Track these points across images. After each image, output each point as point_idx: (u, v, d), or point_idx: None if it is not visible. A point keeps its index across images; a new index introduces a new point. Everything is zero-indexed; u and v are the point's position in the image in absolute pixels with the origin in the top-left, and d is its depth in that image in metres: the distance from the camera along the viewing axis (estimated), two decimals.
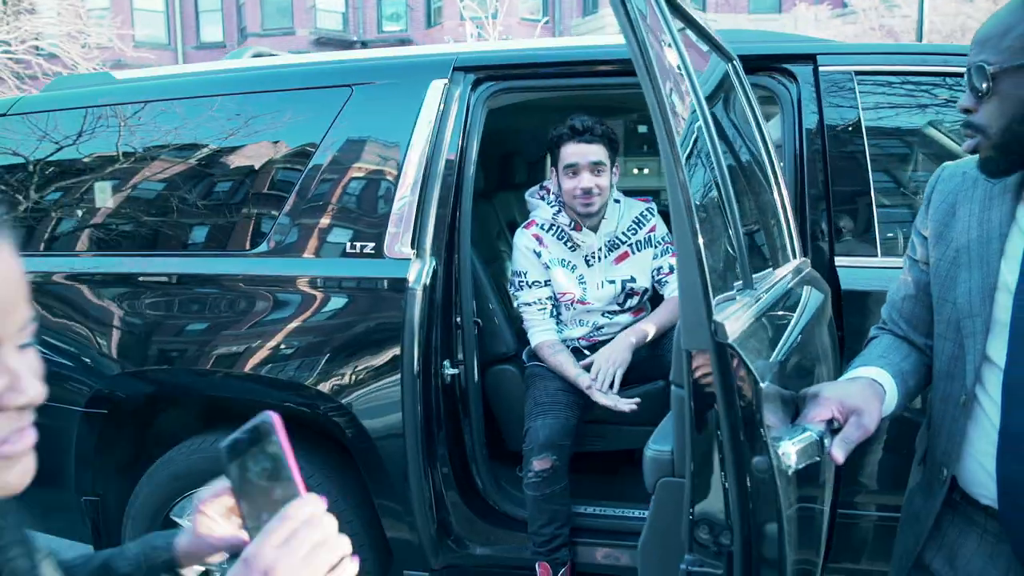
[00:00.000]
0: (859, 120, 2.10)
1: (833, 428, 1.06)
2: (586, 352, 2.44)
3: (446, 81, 2.20)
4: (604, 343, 2.41)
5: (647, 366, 2.39)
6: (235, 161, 2.31)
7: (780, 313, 1.37)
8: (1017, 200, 1.12)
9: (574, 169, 2.30)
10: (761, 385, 1.01)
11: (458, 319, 2.23)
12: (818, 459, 1.02)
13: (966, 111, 1.10)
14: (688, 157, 1.12)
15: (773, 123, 2.30)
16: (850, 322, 1.95)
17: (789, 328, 1.36)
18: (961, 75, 1.56)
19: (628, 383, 2.39)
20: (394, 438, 2.12)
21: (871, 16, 18.11)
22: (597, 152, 2.29)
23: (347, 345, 2.13)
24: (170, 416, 2.51)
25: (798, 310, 1.49)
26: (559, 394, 2.31)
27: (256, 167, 2.29)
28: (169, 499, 2.33)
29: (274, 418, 0.69)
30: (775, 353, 1.21)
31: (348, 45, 22.97)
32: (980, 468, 1.12)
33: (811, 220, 2.10)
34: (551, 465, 2.16)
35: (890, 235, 2.13)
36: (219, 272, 2.23)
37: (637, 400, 2.25)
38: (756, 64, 2.13)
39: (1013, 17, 1.04)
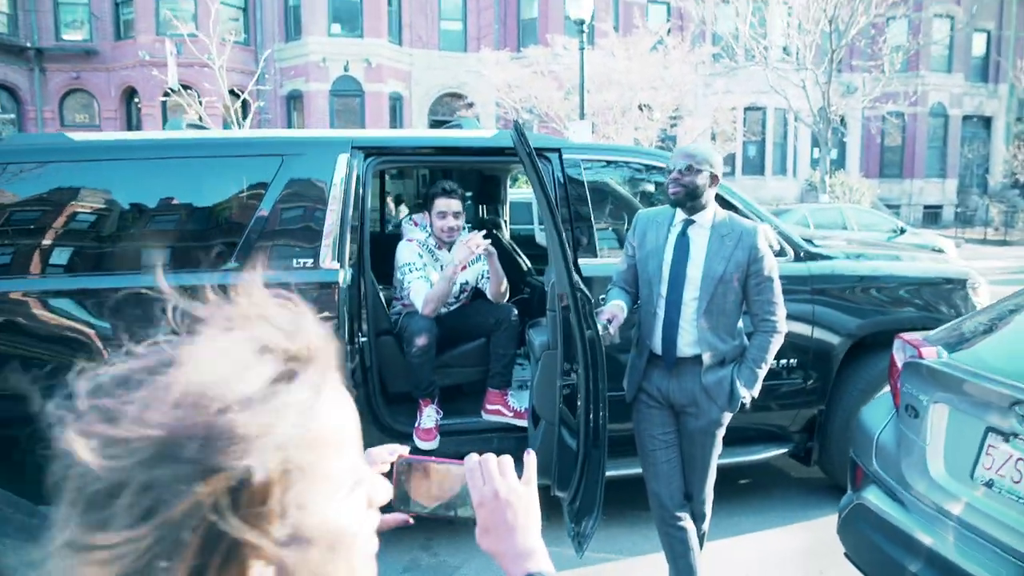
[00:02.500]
0: (583, 183, 3.80)
1: (609, 320, 2.64)
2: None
3: (348, 155, 3.46)
4: (447, 314, 3.83)
5: (468, 329, 3.85)
6: (208, 203, 3.31)
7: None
8: (669, 229, 2.81)
9: (443, 215, 3.74)
10: (589, 297, 2.55)
11: (364, 307, 3.49)
12: (611, 334, 2.59)
13: (679, 175, 2.73)
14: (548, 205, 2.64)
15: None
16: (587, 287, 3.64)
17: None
18: (632, 163, 3.32)
19: (455, 343, 3.82)
20: None
21: (541, 62, 21.48)
22: (457, 205, 3.78)
23: None
24: None
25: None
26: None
27: (223, 207, 3.32)
28: None
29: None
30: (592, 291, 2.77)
31: (20, 51, 20.88)
32: (657, 339, 2.80)
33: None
34: (426, 342, 3.53)
35: (603, 247, 3.86)
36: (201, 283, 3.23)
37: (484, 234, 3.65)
38: (537, 152, 3.73)
39: (700, 148, 2.72)
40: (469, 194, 5.80)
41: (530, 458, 0.98)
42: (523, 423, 3.62)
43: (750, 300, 2.78)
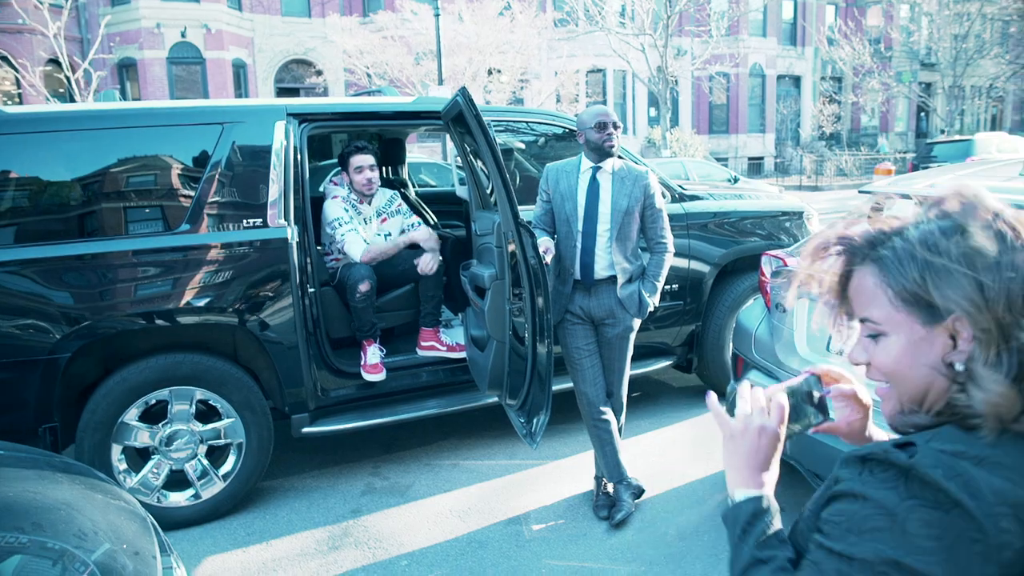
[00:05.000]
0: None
1: (546, 251, 3.19)
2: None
3: (284, 121, 3.75)
4: (377, 265, 4.22)
5: (402, 278, 4.28)
6: (157, 170, 3.50)
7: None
8: (578, 176, 3.38)
9: (360, 169, 4.08)
10: (533, 232, 3.08)
11: (309, 260, 3.83)
12: (547, 261, 3.14)
13: (613, 131, 3.30)
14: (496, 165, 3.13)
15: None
16: None
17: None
18: (529, 123, 3.88)
19: (386, 290, 4.24)
20: (289, 333, 3.66)
21: (390, 27, 21.45)
22: (371, 159, 4.13)
23: (257, 280, 3.59)
24: (131, 343, 3.54)
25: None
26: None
27: (172, 174, 3.53)
28: (123, 407, 3.44)
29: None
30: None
31: None
32: (577, 266, 3.38)
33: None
34: (369, 287, 3.93)
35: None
36: (158, 246, 3.45)
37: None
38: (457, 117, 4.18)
39: (611, 111, 3.29)
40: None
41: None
42: (458, 355, 4.12)
43: (646, 228, 3.44)
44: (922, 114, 33.75)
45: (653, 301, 3.45)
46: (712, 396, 1.10)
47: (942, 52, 27.71)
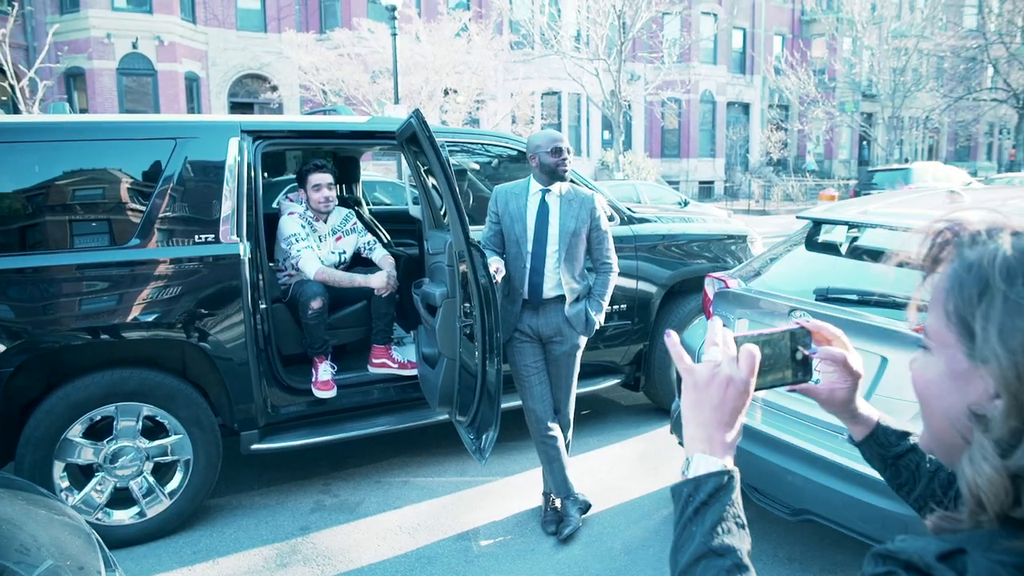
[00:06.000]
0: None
1: (496, 270, 3.26)
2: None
3: (238, 138, 3.76)
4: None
5: (354, 296, 4.30)
6: (107, 184, 3.48)
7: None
8: (527, 198, 3.47)
9: (318, 187, 4.11)
10: (483, 249, 3.15)
11: (261, 277, 3.83)
12: (497, 281, 3.21)
13: (566, 156, 3.39)
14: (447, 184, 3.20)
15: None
16: None
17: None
18: (481, 144, 3.97)
19: (338, 307, 4.26)
20: (240, 349, 3.65)
21: (346, 45, 21.44)
22: (329, 178, 4.16)
23: (208, 296, 3.58)
24: (76, 358, 3.48)
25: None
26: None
27: (122, 188, 3.50)
28: (66, 423, 3.39)
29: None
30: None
31: None
32: (526, 285, 3.46)
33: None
34: (321, 304, 3.94)
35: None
36: (107, 260, 3.42)
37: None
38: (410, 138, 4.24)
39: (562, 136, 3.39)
40: None
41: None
42: (409, 372, 4.15)
43: (592, 249, 3.55)
44: (864, 143, 34.99)
45: (599, 319, 3.55)
46: (672, 334, 0.95)
47: (882, 84, 28.84)
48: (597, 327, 3.57)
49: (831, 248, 3.50)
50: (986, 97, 29.63)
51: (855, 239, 3.43)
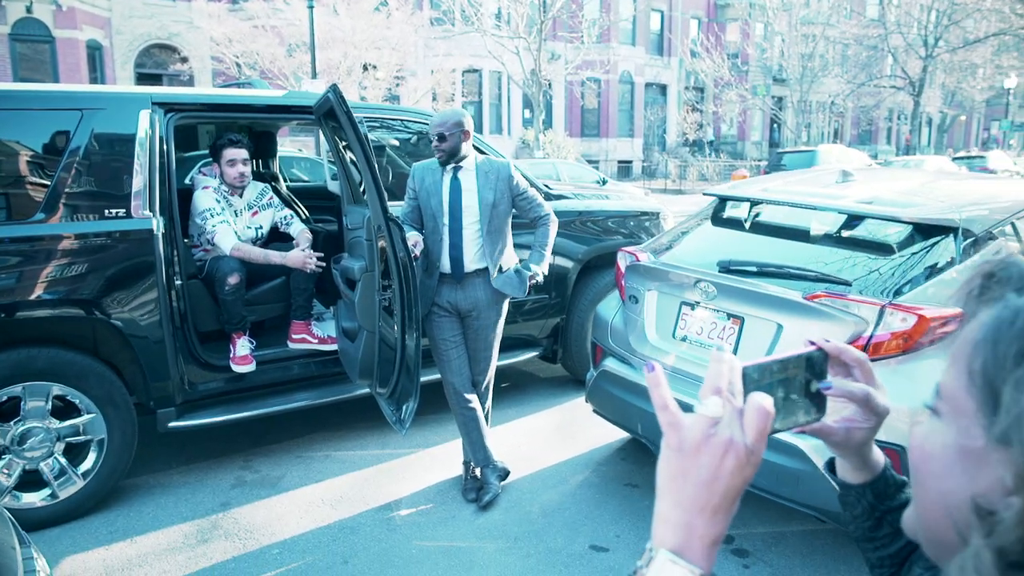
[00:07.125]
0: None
1: (415, 244, 3.32)
2: None
3: (149, 111, 3.67)
4: None
5: (273, 271, 4.28)
6: (6, 156, 3.35)
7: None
8: (442, 174, 3.53)
9: (233, 162, 4.04)
10: (402, 226, 3.20)
11: (176, 253, 3.77)
12: (416, 254, 3.27)
13: (438, 143, 3.45)
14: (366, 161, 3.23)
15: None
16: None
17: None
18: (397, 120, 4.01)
19: (257, 283, 4.23)
20: (155, 327, 3.60)
21: (261, 16, 20.76)
22: (244, 153, 4.10)
23: (120, 272, 3.50)
24: None
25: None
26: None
27: (24, 161, 3.38)
28: None
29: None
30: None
31: None
32: (445, 260, 3.53)
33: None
34: (238, 280, 3.91)
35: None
36: (15, 235, 3.30)
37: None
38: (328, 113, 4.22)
39: (448, 116, 3.43)
40: None
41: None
42: (329, 347, 4.17)
43: (524, 210, 3.63)
44: (775, 125, 36.32)
45: (542, 270, 3.64)
46: (658, 368, 0.66)
47: (791, 69, 29.98)
48: (541, 279, 3.66)
49: (735, 223, 3.71)
50: (886, 84, 31.25)
51: (757, 215, 3.64)
